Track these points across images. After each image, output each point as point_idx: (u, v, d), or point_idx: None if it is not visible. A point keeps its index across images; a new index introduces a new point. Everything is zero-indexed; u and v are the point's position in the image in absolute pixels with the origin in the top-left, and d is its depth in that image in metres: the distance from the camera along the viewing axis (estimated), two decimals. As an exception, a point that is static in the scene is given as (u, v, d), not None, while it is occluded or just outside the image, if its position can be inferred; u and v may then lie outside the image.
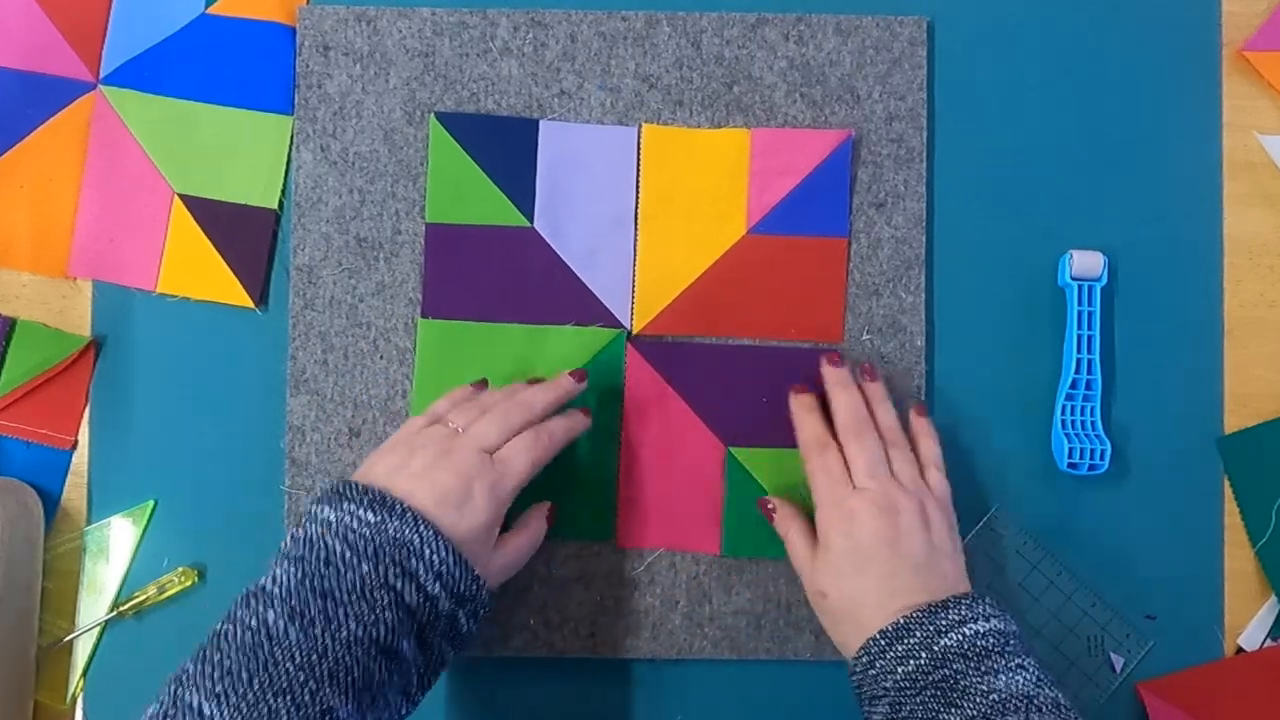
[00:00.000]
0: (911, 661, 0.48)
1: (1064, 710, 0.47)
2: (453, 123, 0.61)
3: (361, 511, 0.48)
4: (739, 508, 0.59)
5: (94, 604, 0.60)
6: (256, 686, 0.42)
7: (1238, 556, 0.60)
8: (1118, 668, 0.59)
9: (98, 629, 0.60)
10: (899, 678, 0.48)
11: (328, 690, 0.43)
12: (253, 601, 0.45)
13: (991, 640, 0.48)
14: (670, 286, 0.61)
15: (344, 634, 0.44)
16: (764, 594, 0.59)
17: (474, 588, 0.49)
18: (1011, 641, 0.49)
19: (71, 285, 0.62)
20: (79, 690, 0.60)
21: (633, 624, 0.59)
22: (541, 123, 0.61)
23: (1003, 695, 0.46)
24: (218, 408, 0.61)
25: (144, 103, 0.62)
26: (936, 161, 0.62)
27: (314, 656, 0.43)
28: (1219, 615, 0.60)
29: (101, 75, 0.63)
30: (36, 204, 0.62)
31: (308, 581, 0.45)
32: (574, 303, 0.60)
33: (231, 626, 0.44)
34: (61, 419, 0.61)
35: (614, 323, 0.61)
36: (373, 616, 0.45)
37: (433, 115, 0.61)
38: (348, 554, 0.46)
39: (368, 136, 0.61)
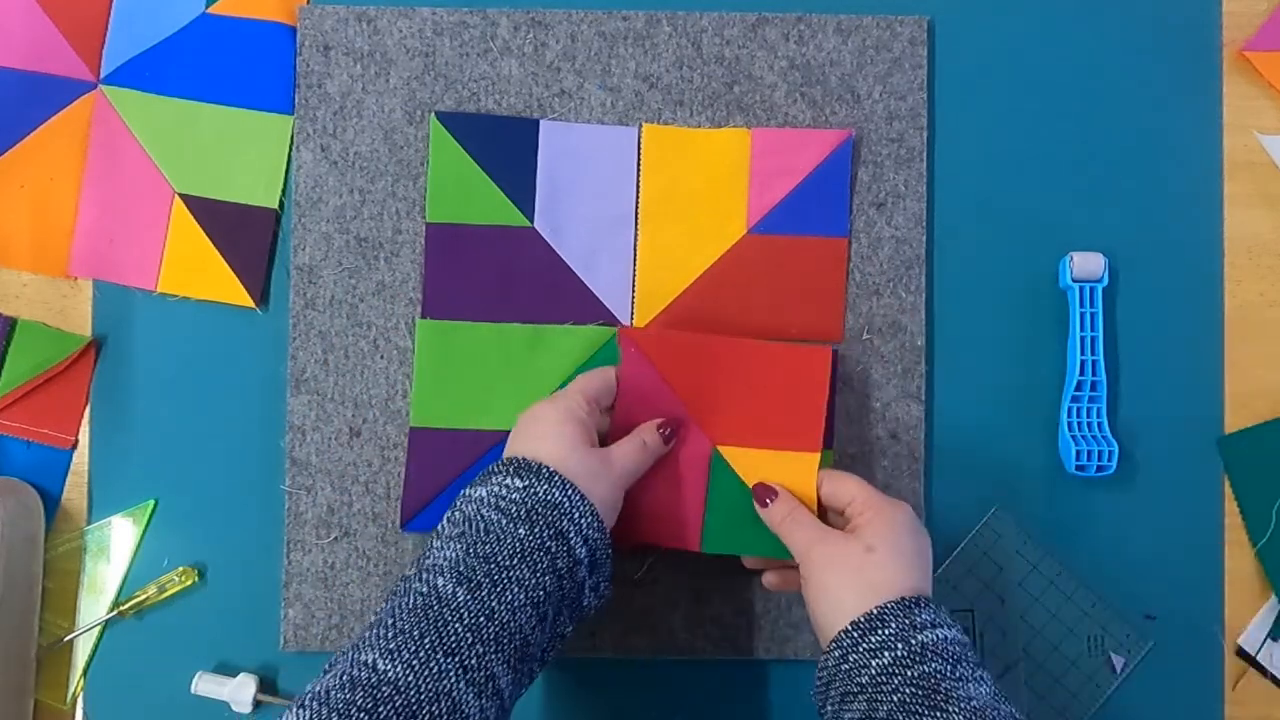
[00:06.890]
0: (888, 654, 0.47)
1: None
2: (453, 122, 0.61)
3: (509, 479, 0.49)
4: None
5: (94, 604, 0.60)
6: (428, 644, 0.43)
7: (1238, 556, 0.60)
8: (1118, 668, 0.59)
9: (98, 629, 0.60)
10: (874, 671, 0.47)
11: (493, 655, 0.44)
12: (424, 573, 0.47)
13: (957, 648, 0.47)
14: (670, 286, 0.61)
15: (508, 597, 0.46)
16: (764, 594, 0.59)
17: (606, 553, 0.50)
18: (970, 653, 0.48)
19: (71, 285, 0.62)
20: (79, 690, 0.60)
21: (633, 624, 0.59)
22: (542, 123, 0.61)
23: (978, 706, 0.45)
24: (218, 408, 0.61)
25: (144, 102, 0.62)
26: (936, 161, 0.62)
27: (481, 619, 0.45)
28: (1219, 615, 0.60)
29: (102, 75, 0.63)
30: (37, 204, 0.62)
31: (472, 549, 0.47)
32: (574, 303, 0.60)
33: (405, 596, 0.46)
34: (62, 419, 0.61)
35: (614, 322, 0.60)
36: (533, 580, 0.47)
37: (433, 115, 0.61)
38: (503, 521, 0.48)
39: (368, 136, 0.61)
